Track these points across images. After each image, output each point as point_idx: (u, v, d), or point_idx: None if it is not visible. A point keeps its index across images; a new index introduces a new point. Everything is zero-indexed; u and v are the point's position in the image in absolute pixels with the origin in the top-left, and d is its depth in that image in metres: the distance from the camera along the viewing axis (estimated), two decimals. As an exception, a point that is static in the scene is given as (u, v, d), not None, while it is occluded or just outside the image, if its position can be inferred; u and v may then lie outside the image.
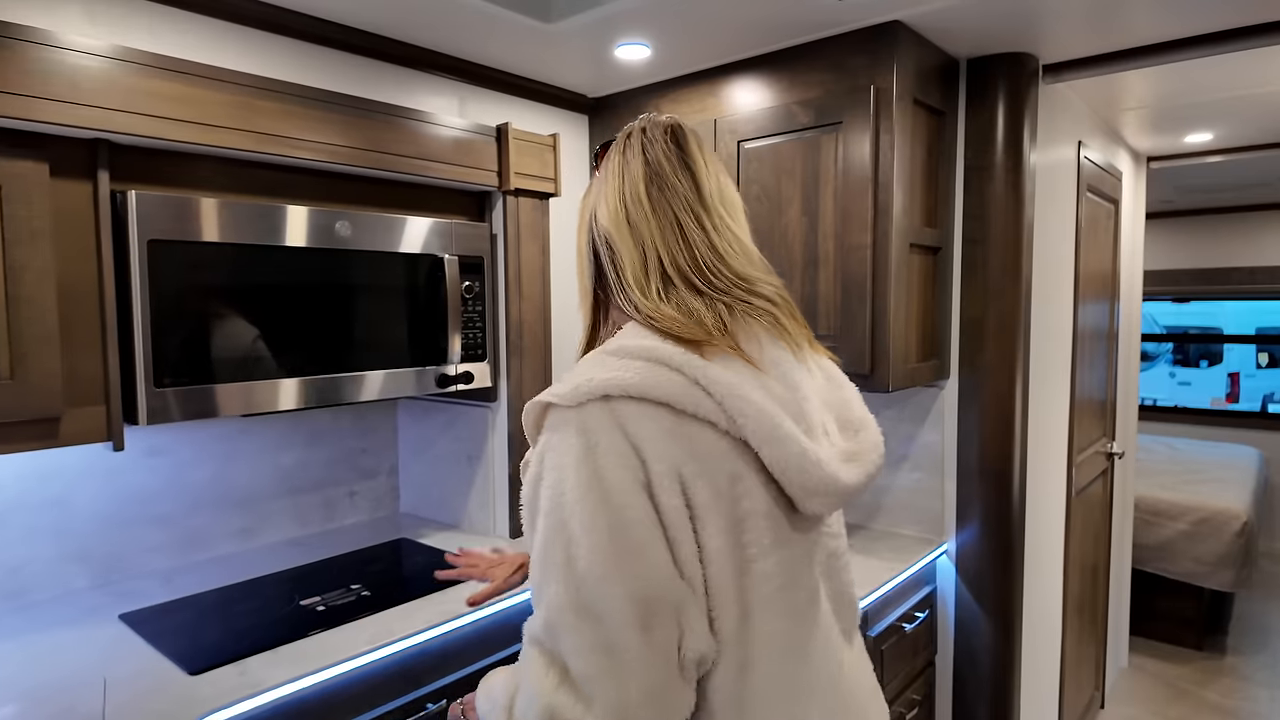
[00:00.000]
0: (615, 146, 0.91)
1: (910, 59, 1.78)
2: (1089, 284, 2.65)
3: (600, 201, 0.89)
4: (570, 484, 0.73)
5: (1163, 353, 7.22)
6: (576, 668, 0.70)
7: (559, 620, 0.71)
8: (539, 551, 0.74)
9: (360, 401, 1.78)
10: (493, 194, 2.05)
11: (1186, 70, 2.21)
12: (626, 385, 0.74)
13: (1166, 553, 3.61)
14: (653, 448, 0.73)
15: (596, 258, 0.89)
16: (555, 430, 0.76)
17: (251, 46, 1.66)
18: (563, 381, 0.78)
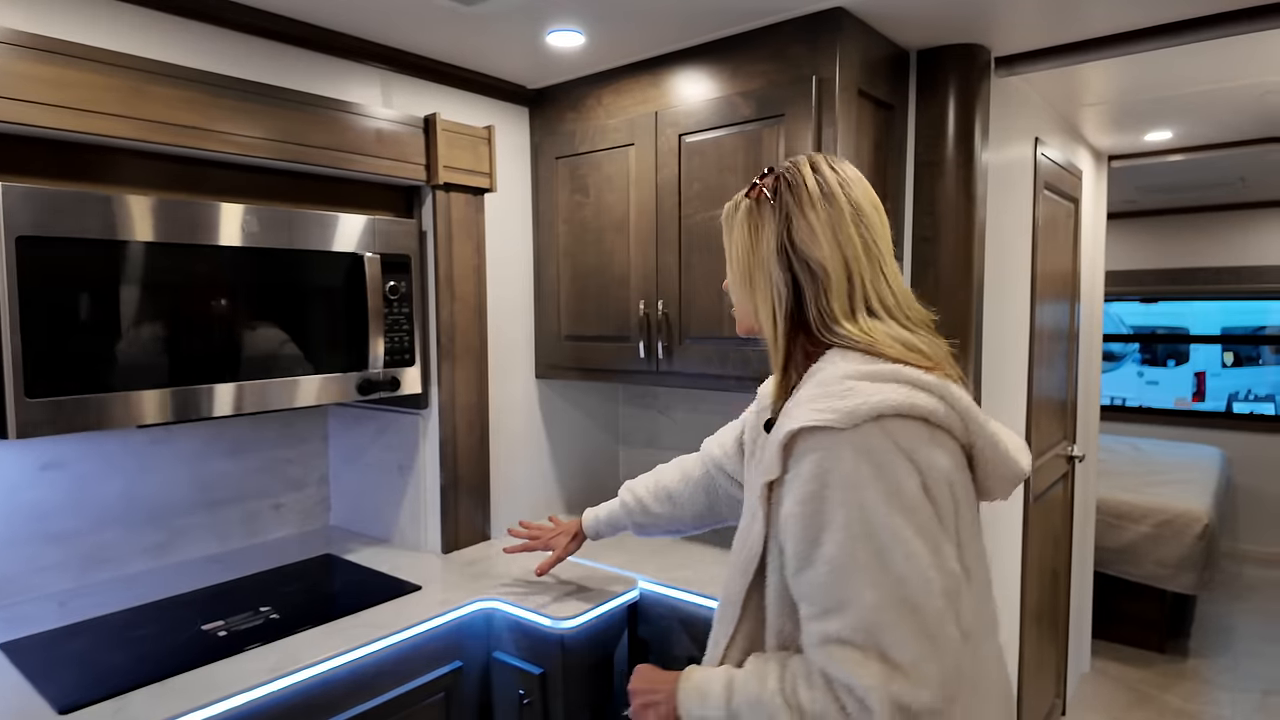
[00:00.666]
0: (800, 176, 0.96)
1: (854, 49, 1.70)
2: (1048, 284, 2.59)
3: (802, 231, 0.94)
4: (870, 498, 0.81)
5: (1130, 352, 7.25)
6: (902, 657, 0.79)
7: (878, 619, 0.79)
8: (837, 562, 0.82)
9: (274, 410, 1.67)
10: (421, 189, 1.94)
11: (1144, 65, 2.16)
12: (897, 405, 0.83)
13: (1129, 555, 3.58)
14: (923, 456, 0.84)
15: (796, 285, 0.94)
16: (833, 450, 0.83)
17: (147, 28, 1.53)
18: (817, 407, 0.85)
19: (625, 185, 2.01)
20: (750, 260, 0.98)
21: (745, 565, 0.93)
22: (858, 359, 0.90)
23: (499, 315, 2.17)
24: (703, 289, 1.88)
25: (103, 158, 1.47)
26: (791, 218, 0.94)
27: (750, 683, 0.89)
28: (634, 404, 2.58)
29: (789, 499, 0.86)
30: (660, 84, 1.94)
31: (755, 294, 0.97)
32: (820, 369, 0.91)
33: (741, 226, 0.99)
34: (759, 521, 0.90)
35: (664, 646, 1.81)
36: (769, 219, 0.96)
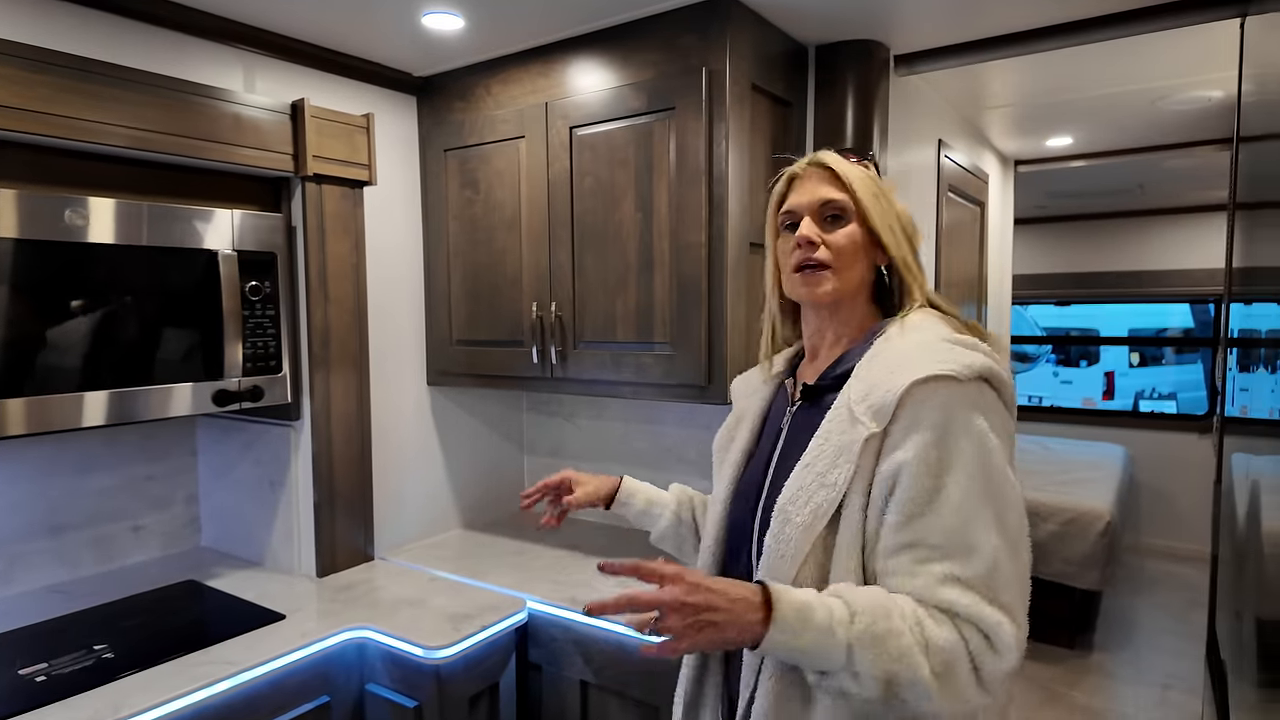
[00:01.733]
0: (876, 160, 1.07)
1: (747, 41, 1.63)
2: (955, 287, 2.59)
3: (900, 205, 1.03)
4: (991, 448, 0.86)
5: (1044, 353, 7.49)
6: (1009, 600, 0.84)
7: (998, 566, 0.83)
8: (963, 507, 0.84)
9: (123, 423, 1.49)
10: (290, 180, 1.79)
11: (1042, 68, 2.17)
12: (992, 370, 0.89)
13: (1038, 554, 3.64)
14: (1005, 423, 0.90)
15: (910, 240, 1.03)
16: (956, 399, 0.86)
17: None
18: (936, 358, 0.88)
19: (516, 180, 1.89)
20: (901, 213, 1.02)
21: (811, 520, 0.90)
22: (942, 324, 0.97)
23: (384, 318, 2.03)
24: (596, 290, 1.79)
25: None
26: (892, 193, 1.04)
27: (868, 610, 0.81)
28: (538, 411, 2.47)
29: (909, 445, 0.85)
30: (550, 74, 1.83)
31: (903, 238, 1.01)
32: (903, 331, 0.96)
33: (886, 186, 1.03)
34: (841, 473, 0.89)
35: (558, 670, 1.70)
36: (885, 189, 1.03)
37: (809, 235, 0.99)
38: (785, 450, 1.01)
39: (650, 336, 1.71)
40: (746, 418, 1.14)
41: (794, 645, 0.81)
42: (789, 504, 0.92)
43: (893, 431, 0.87)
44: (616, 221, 1.74)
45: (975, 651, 0.81)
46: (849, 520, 0.89)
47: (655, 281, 1.69)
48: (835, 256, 0.99)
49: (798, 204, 1.02)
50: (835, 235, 0.99)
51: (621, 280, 1.74)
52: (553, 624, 1.70)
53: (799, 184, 1.03)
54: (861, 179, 1.00)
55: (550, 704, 1.72)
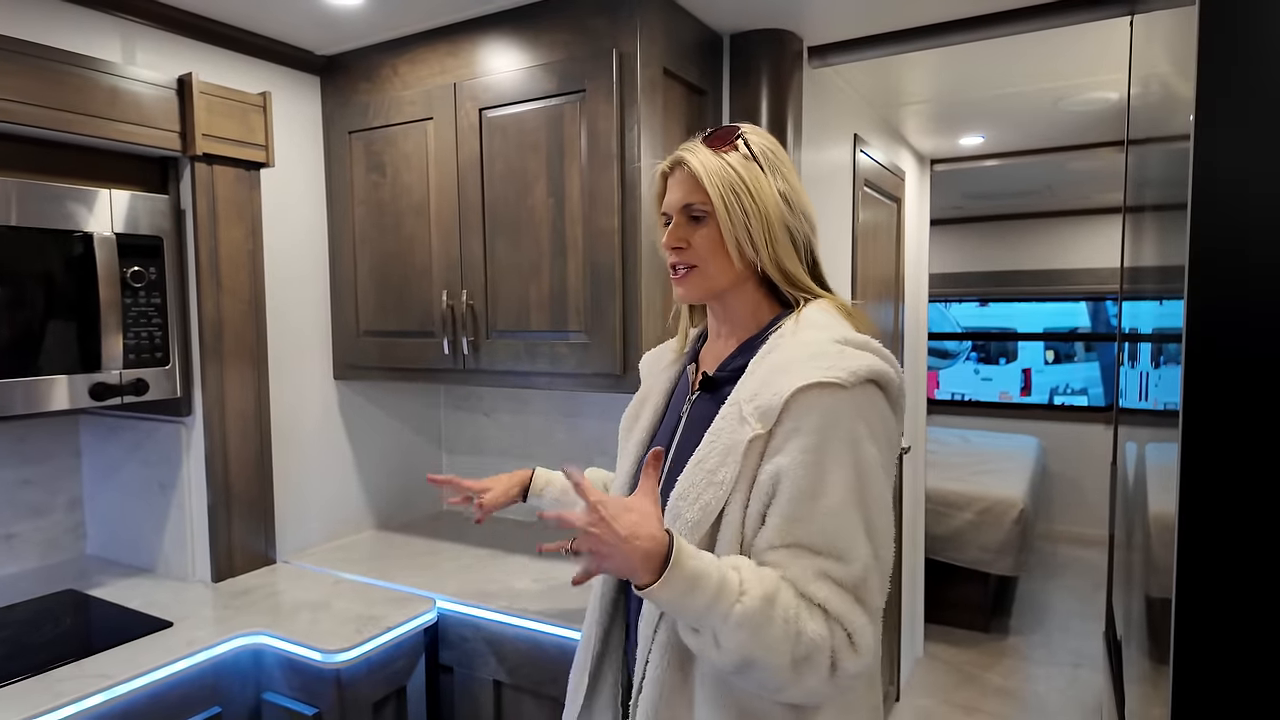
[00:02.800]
0: (767, 139, 1.01)
1: (658, 24, 1.61)
2: (871, 284, 2.64)
3: (793, 187, 0.99)
4: (866, 456, 0.87)
5: (964, 350, 7.76)
6: (875, 605, 0.87)
7: (867, 570, 0.86)
8: (839, 513, 0.86)
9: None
10: (179, 160, 1.68)
11: (953, 65, 2.22)
12: (878, 373, 0.90)
13: (955, 542, 3.76)
14: (890, 425, 0.93)
15: (804, 228, 1.01)
16: (839, 406, 0.87)
17: None
18: (822, 365, 0.88)
19: (424, 164, 1.83)
20: (768, 206, 0.96)
21: (700, 517, 0.91)
22: (837, 322, 0.96)
23: (286, 308, 1.93)
24: (509, 278, 1.74)
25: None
26: (781, 174, 0.99)
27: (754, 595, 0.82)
28: (457, 406, 2.39)
29: (790, 450, 0.86)
30: (459, 53, 1.77)
31: (776, 243, 0.97)
32: (797, 328, 0.96)
33: (753, 174, 0.96)
34: (728, 472, 0.90)
35: (470, 671, 1.64)
36: (757, 171, 0.97)
37: (670, 240, 1.00)
38: (683, 441, 1.02)
39: (565, 325, 1.67)
40: (651, 397, 1.13)
41: (676, 603, 0.82)
42: (680, 499, 0.93)
43: (776, 434, 0.88)
44: (529, 207, 1.69)
45: (837, 648, 0.84)
46: (730, 519, 0.90)
47: (569, 268, 1.65)
48: (699, 257, 0.99)
49: (668, 204, 1.02)
50: (697, 236, 0.99)
51: (535, 267, 1.70)
52: (464, 624, 1.64)
53: (670, 181, 1.02)
54: (721, 176, 0.96)
55: (462, 706, 1.66)
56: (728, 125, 1.01)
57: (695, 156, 0.98)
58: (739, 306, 1.02)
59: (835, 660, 0.84)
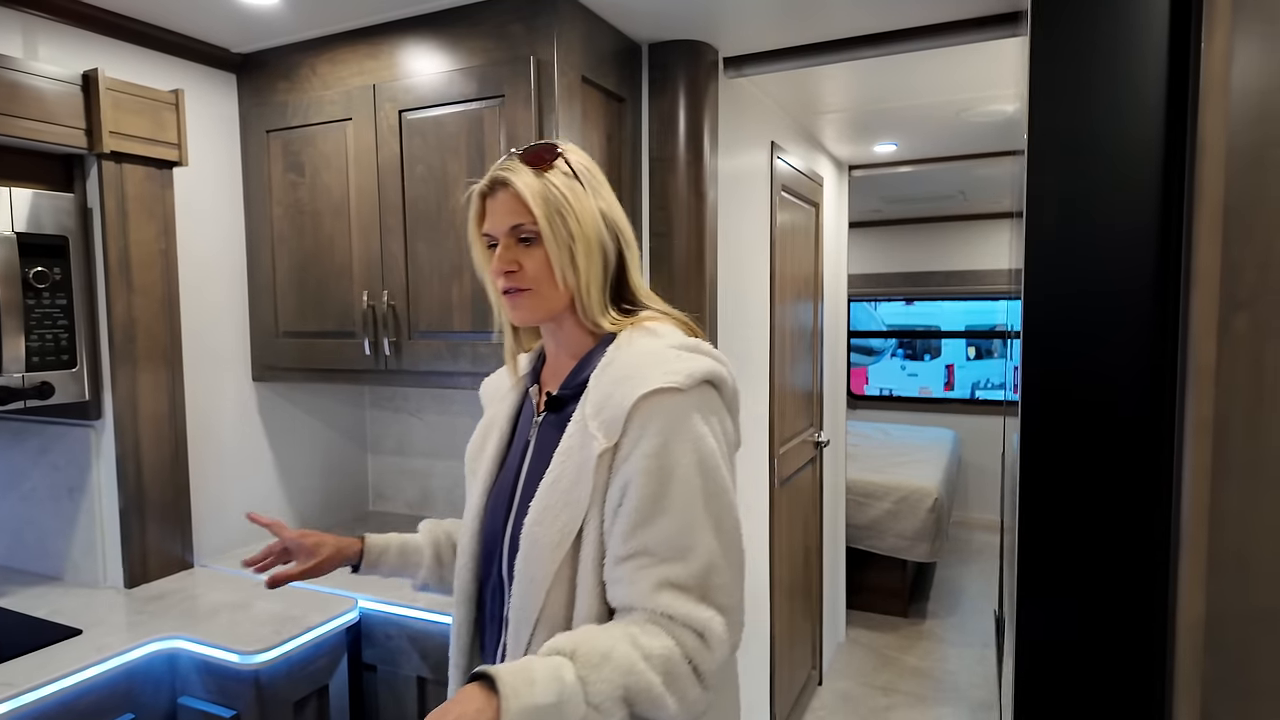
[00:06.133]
0: (582, 156, 1.00)
1: (575, 33, 1.66)
2: (790, 284, 2.74)
3: (609, 204, 0.99)
4: (707, 452, 0.89)
5: (889, 347, 8.05)
6: (727, 602, 0.88)
7: (713, 566, 0.87)
8: (684, 512, 0.87)
9: None
10: (85, 158, 1.64)
11: (865, 76, 2.33)
12: (712, 374, 0.92)
13: (874, 530, 3.92)
14: (726, 423, 0.95)
15: (620, 256, 1.00)
16: (679, 408, 0.88)
17: None
18: (662, 371, 0.88)
19: (344, 164, 1.83)
20: (588, 228, 0.95)
21: (559, 539, 0.91)
22: (670, 331, 0.97)
23: (201, 309, 1.90)
24: (431, 280, 1.76)
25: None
26: (599, 191, 0.98)
27: (586, 646, 0.81)
28: (382, 407, 2.39)
29: (636, 457, 0.87)
30: (379, 55, 1.78)
31: (590, 264, 0.96)
32: (633, 339, 0.96)
33: (576, 194, 0.95)
34: (583, 490, 0.90)
35: (393, 669, 1.66)
36: (579, 189, 0.96)
37: (500, 264, 0.95)
38: (533, 465, 1.00)
39: (486, 325, 1.70)
40: (496, 425, 1.10)
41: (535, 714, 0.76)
42: (536, 525, 0.92)
43: (623, 445, 0.88)
44: (450, 209, 1.72)
45: (691, 652, 0.84)
46: (590, 537, 0.90)
47: (489, 270, 1.69)
48: (532, 280, 0.96)
49: (491, 227, 0.98)
50: (528, 259, 0.95)
51: (455, 268, 1.72)
52: (388, 622, 1.66)
53: (490, 203, 0.98)
54: (542, 197, 0.93)
55: (386, 704, 1.68)
56: (545, 143, 0.98)
57: (519, 178, 0.94)
58: (577, 325, 1.00)
59: (694, 664, 0.84)
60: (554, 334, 1.03)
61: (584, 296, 0.96)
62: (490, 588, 1.03)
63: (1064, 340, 0.70)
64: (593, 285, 0.96)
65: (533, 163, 0.96)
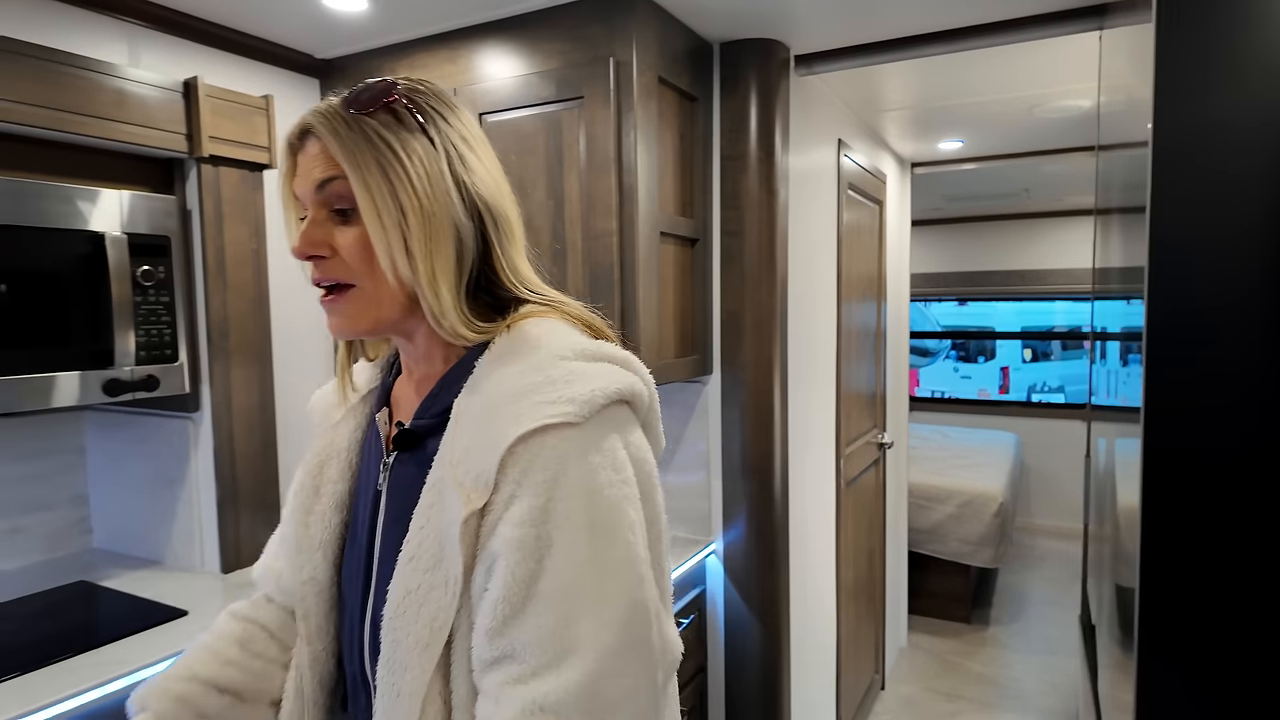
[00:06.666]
0: (444, 99, 0.75)
1: (652, 33, 1.68)
2: (855, 283, 2.72)
3: (472, 165, 0.73)
4: (605, 513, 0.64)
5: (943, 348, 7.90)
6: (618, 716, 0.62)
7: (601, 672, 0.61)
8: (570, 598, 0.62)
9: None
10: (185, 162, 1.73)
11: (933, 74, 2.31)
12: (620, 391, 0.68)
13: (936, 535, 3.86)
14: (640, 448, 0.71)
15: (482, 234, 0.74)
16: (568, 451, 0.64)
17: None
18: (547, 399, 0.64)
19: (425, 168, 1.88)
20: (430, 198, 0.68)
21: (429, 636, 0.65)
22: (561, 331, 0.71)
23: (290, 307, 1.97)
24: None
25: None
26: (460, 150, 0.71)
27: None
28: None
29: (506, 524, 0.62)
30: (458, 59, 1.83)
31: (436, 249, 0.68)
32: (504, 354, 0.69)
33: (414, 150, 0.69)
34: (451, 568, 0.64)
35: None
36: (426, 146, 0.70)
37: (301, 244, 0.70)
38: (388, 528, 0.74)
39: (562, 322, 1.73)
40: (333, 460, 0.83)
41: None
42: (397, 618, 0.67)
43: (494, 505, 0.63)
44: (528, 211, 1.75)
45: None
46: (462, 628, 0.65)
47: (568, 269, 1.72)
48: (352, 272, 0.70)
49: (299, 190, 0.72)
50: (344, 239, 0.70)
51: (534, 267, 1.75)
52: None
53: (301, 158, 0.71)
54: (359, 150, 0.67)
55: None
56: (382, 80, 0.73)
57: (328, 123, 0.68)
58: (427, 333, 0.74)
59: None
60: (404, 346, 0.78)
61: (430, 296, 0.69)
62: (354, 701, 0.78)
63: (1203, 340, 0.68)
64: (441, 279, 0.69)
65: (358, 105, 0.70)
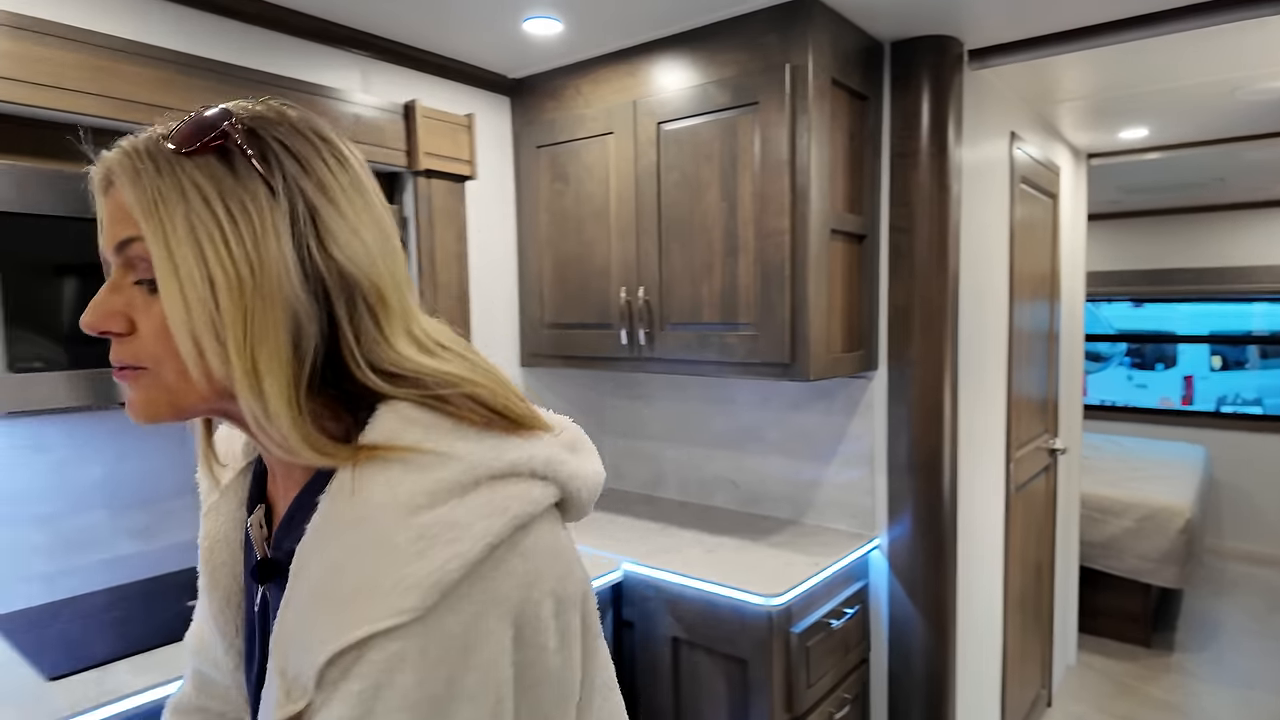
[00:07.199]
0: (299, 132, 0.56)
1: (826, 38, 1.73)
2: (1027, 282, 2.63)
3: (329, 221, 0.55)
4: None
5: (1117, 354, 7.30)
6: None
7: None
8: None
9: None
10: (402, 175, 1.97)
11: (1116, 61, 2.20)
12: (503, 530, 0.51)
13: (1112, 549, 3.61)
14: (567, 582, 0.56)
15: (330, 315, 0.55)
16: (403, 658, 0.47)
17: (120, 7, 1.55)
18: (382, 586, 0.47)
19: (605, 174, 2.03)
20: (247, 265, 0.52)
21: None
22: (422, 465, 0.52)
23: (483, 303, 2.19)
24: (683, 277, 1.91)
25: (74, 136, 1.49)
26: (308, 200, 0.55)
27: None
28: (619, 394, 2.60)
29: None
30: (637, 73, 1.97)
31: (254, 331, 0.52)
32: (351, 495, 0.52)
33: (238, 202, 0.53)
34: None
35: (649, 627, 1.83)
36: (262, 200, 0.53)
37: (91, 317, 0.54)
38: (262, 665, 0.62)
39: (735, 318, 1.82)
40: (220, 543, 0.70)
41: None
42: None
43: (311, 709, 0.48)
44: (702, 211, 1.86)
45: None
46: None
47: (740, 267, 1.81)
48: (149, 354, 0.54)
49: (101, 247, 0.57)
50: (147, 316, 0.54)
51: (707, 266, 1.86)
52: (645, 584, 1.82)
53: (107, 203, 0.56)
54: (157, 194, 0.52)
55: (642, 659, 1.85)
56: (212, 112, 0.55)
57: (131, 166, 0.53)
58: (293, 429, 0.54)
59: None
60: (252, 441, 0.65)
61: (249, 398, 0.52)
62: None
63: None
64: (265, 376, 0.52)
65: (176, 141, 0.54)
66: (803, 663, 1.73)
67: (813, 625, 1.77)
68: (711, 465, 2.37)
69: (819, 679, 1.81)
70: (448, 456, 0.52)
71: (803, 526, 2.14)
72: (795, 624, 1.72)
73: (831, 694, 1.88)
